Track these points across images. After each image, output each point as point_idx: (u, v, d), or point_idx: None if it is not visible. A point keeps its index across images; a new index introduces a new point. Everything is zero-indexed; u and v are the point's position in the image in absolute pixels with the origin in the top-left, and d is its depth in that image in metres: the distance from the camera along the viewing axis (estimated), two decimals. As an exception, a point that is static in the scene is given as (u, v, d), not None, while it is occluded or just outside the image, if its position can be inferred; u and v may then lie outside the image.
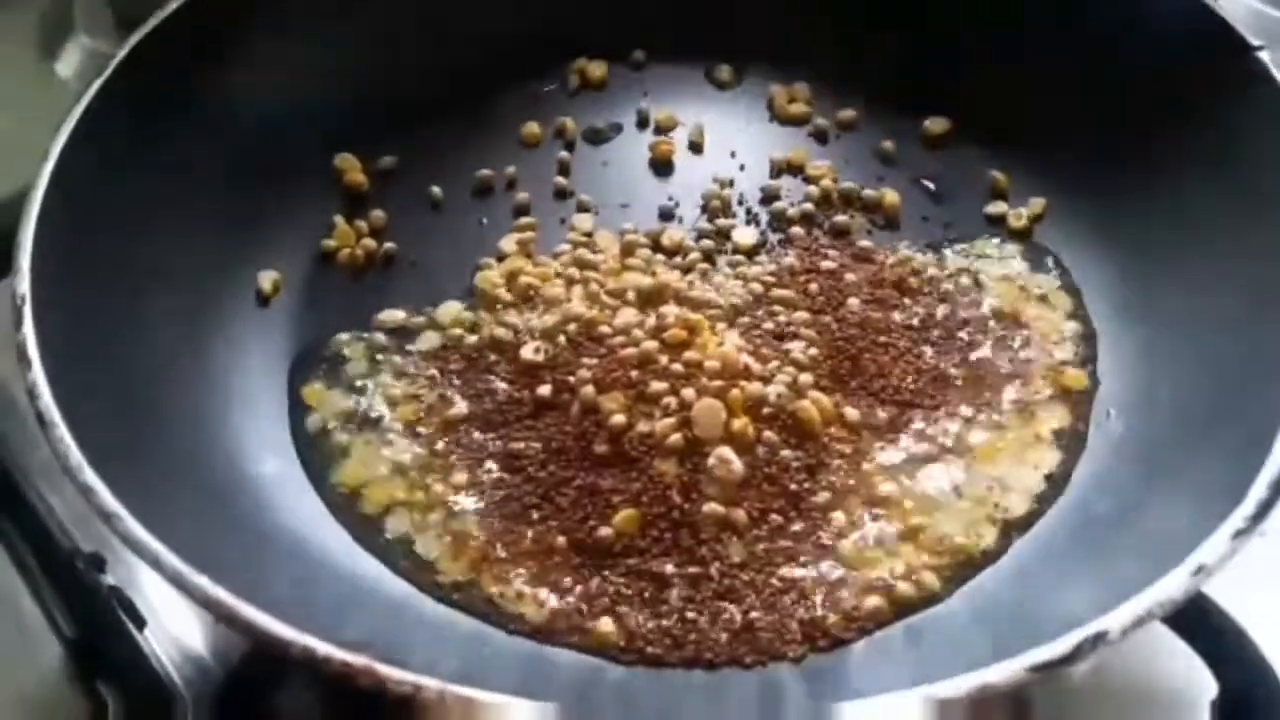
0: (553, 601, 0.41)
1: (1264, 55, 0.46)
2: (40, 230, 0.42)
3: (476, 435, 0.45)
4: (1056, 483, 0.43)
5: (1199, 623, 0.38)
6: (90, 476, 0.36)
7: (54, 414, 0.37)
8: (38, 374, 0.38)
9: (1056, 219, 0.51)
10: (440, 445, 0.45)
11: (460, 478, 0.44)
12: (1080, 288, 0.49)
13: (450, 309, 0.50)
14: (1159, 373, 0.44)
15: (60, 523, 0.46)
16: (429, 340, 0.49)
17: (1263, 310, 0.40)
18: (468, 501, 0.44)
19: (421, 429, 0.46)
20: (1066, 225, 0.51)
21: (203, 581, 0.34)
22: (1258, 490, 0.34)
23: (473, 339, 0.48)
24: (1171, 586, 0.32)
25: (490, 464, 0.45)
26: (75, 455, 0.36)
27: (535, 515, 0.43)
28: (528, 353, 0.47)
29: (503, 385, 0.47)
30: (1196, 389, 0.42)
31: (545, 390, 0.46)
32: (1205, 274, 0.45)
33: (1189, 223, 0.46)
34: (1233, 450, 0.36)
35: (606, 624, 0.40)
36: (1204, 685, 0.39)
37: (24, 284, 0.41)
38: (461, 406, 0.46)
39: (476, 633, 0.40)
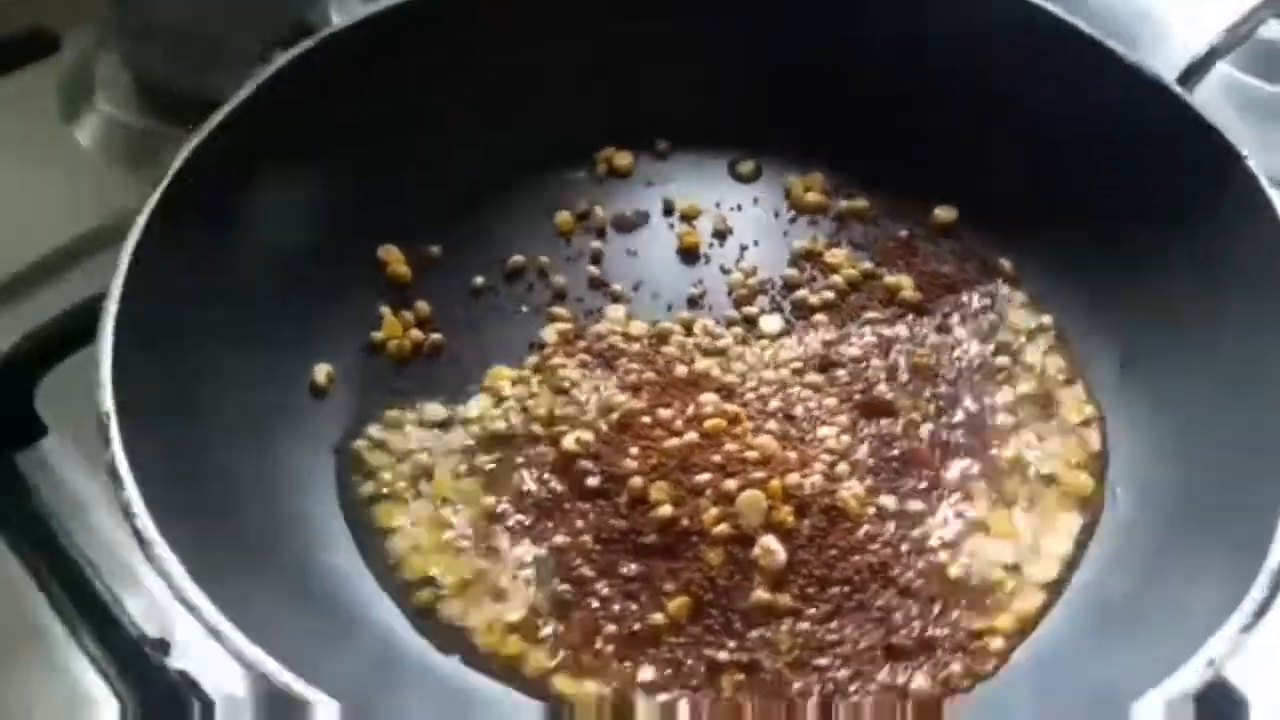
0: (602, 689, 0.44)
1: (1251, 163, 0.50)
2: (117, 342, 0.44)
3: (519, 524, 0.48)
4: (1078, 554, 0.47)
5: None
6: (195, 595, 0.38)
7: (153, 533, 0.40)
8: (132, 492, 0.40)
9: (1063, 307, 0.55)
10: (485, 535, 0.48)
11: (507, 569, 0.47)
12: (1088, 374, 0.53)
13: (481, 402, 0.53)
14: (1160, 461, 0.48)
15: (127, 612, 0.48)
16: (460, 436, 0.51)
17: (1259, 407, 0.44)
18: (517, 588, 0.47)
19: (464, 517, 0.49)
20: (1072, 314, 0.54)
21: (307, 690, 0.36)
22: (1257, 591, 0.37)
23: (501, 427, 0.51)
24: (1189, 676, 0.36)
25: (536, 552, 0.47)
26: (179, 572, 0.39)
27: (584, 603, 0.46)
28: (569, 443, 0.50)
29: (542, 476, 0.49)
30: (1198, 478, 0.45)
31: (594, 481, 0.49)
32: (1200, 369, 0.48)
33: (1182, 315, 0.50)
34: (1235, 542, 0.40)
35: (655, 710, 0.43)
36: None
37: (108, 400, 0.43)
38: (501, 497, 0.49)
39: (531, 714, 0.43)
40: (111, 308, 0.45)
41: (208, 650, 0.45)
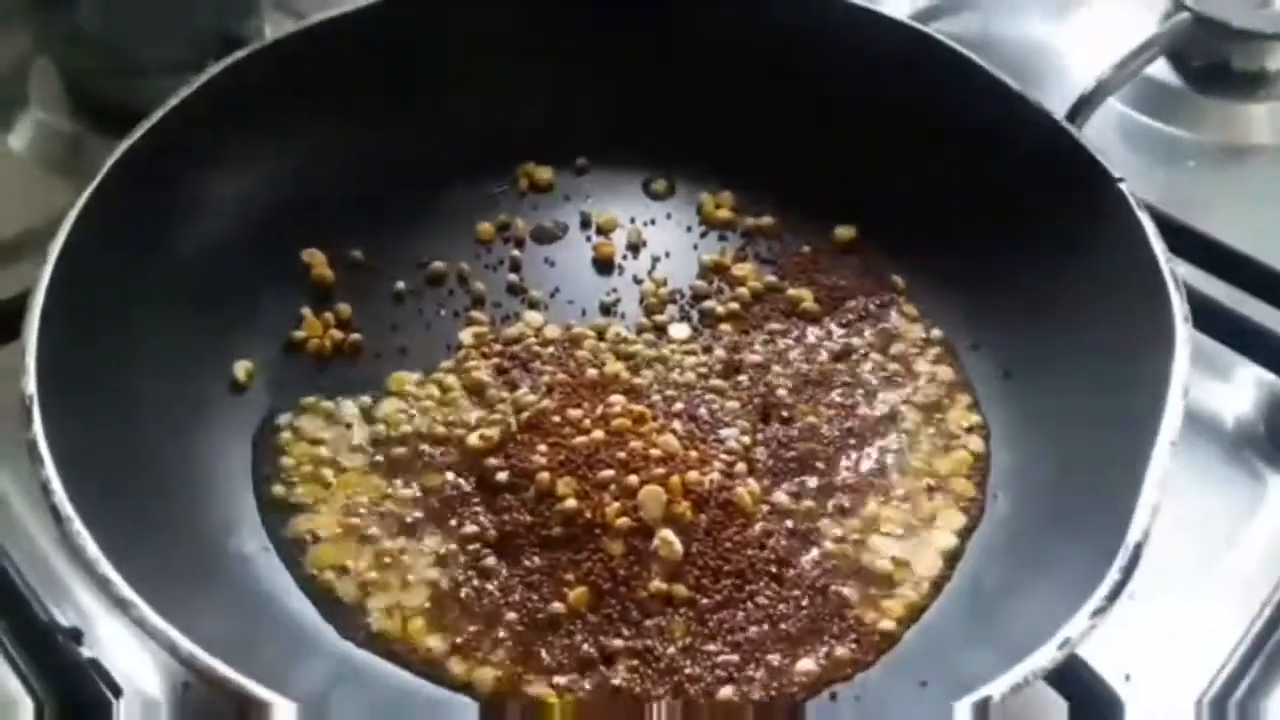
0: (498, 672, 0.45)
1: (1124, 186, 0.53)
2: (42, 332, 0.46)
3: (426, 516, 0.50)
4: (961, 549, 0.50)
5: (1072, 680, 0.45)
6: (107, 569, 0.40)
7: (68, 509, 0.41)
8: (50, 472, 0.42)
9: (952, 322, 0.58)
10: (391, 525, 0.50)
11: (411, 558, 0.49)
12: (973, 384, 0.56)
13: (394, 401, 0.54)
14: (1037, 464, 0.51)
15: (39, 598, 0.49)
16: (371, 432, 0.53)
17: (1123, 415, 0.47)
18: (420, 577, 0.48)
19: (372, 508, 0.50)
20: (960, 328, 0.58)
21: (215, 664, 0.38)
22: (1113, 574, 0.40)
23: (408, 429, 0.53)
24: (1042, 658, 0.39)
25: (442, 542, 0.49)
26: (92, 549, 0.40)
27: (487, 592, 0.48)
28: (474, 440, 0.52)
29: (450, 471, 0.51)
30: (1068, 481, 0.49)
31: (503, 476, 0.51)
32: (1076, 378, 0.52)
33: (1059, 333, 0.54)
34: (1095, 536, 0.43)
35: (552, 694, 0.45)
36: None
37: (31, 384, 0.44)
38: (408, 490, 0.51)
39: (431, 697, 0.45)
40: (38, 298, 0.47)
41: (120, 641, 0.47)
